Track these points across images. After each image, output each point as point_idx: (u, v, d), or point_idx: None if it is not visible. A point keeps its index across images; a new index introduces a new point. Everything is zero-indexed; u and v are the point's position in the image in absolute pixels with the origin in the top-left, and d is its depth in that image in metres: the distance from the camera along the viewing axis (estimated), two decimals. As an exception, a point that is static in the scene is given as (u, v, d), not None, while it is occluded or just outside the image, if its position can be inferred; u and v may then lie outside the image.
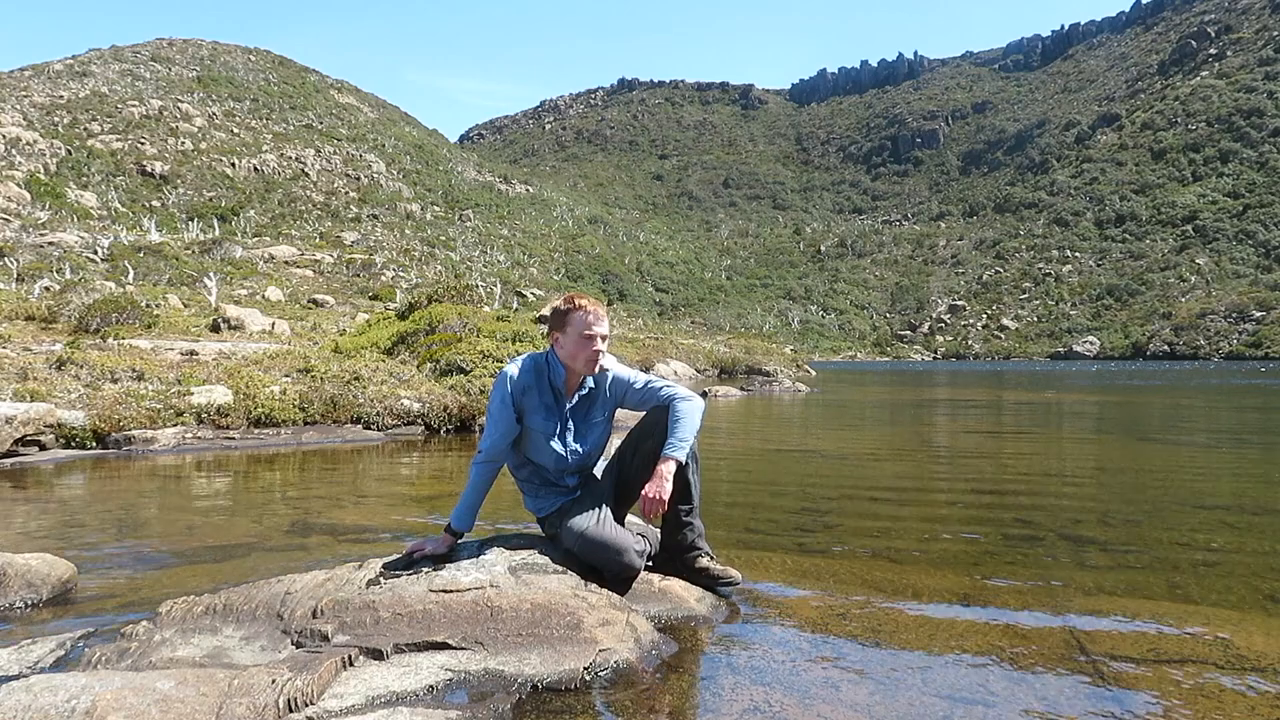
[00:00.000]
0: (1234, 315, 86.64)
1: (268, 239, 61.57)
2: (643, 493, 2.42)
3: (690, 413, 2.52)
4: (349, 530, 3.70)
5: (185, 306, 21.76)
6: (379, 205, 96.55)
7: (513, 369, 2.55)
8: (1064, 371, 43.26)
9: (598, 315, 2.49)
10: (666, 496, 2.41)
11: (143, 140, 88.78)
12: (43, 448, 6.21)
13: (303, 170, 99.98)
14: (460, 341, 11.45)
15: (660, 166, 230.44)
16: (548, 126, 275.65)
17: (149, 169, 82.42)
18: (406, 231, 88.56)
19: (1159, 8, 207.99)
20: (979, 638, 2.28)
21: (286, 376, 9.04)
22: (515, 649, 2.00)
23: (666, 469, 2.42)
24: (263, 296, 29.30)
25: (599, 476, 2.73)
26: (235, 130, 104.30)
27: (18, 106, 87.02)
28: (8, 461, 5.80)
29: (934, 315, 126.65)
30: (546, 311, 24.90)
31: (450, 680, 1.88)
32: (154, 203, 75.06)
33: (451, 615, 2.09)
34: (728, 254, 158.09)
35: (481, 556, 2.42)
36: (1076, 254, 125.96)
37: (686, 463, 2.54)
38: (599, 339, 2.49)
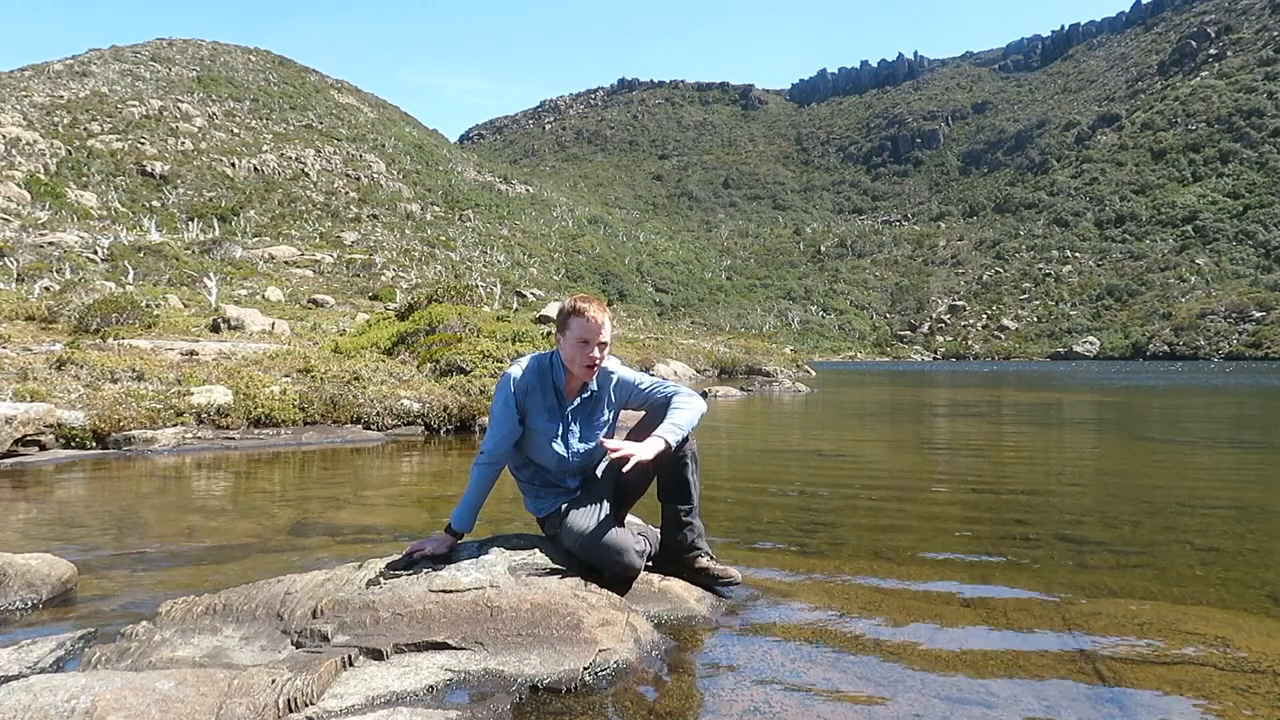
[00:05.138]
0: (1234, 315, 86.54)
1: (268, 239, 61.56)
2: (627, 449, 2.35)
3: (688, 406, 2.52)
4: (349, 530, 3.70)
5: (185, 306, 21.76)
6: (379, 205, 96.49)
7: (516, 370, 2.54)
8: (1064, 372, 43.25)
9: (599, 323, 2.44)
10: (644, 458, 2.33)
11: (143, 140, 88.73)
12: (43, 448, 6.21)
13: (303, 170, 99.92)
14: (460, 341, 11.45)
15: (660, 166, 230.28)
16: (548, 126, 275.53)
17: (149, 169, 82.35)
18: (406, 231, 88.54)
19: (1159, 8, 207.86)
20: (979, 638, 2.28)
21: (286, 377, 9.04)
22: (515, 649, 2.00)
23: (653, 443, 2.37)
24: (263, 297, 29.30)
25: (599, 476, 2.73)
26: (235, 130, 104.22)
27: (18, 106, 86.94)
28: (8, 461, 5.80)
29: (934, 315, 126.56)
30: (549, 311, 24.85)
31: (450, 680, 1.88)
32: (154, 203, 75.00)
33: (451, 615, 2.09)
34: (728, 254, 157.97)
35: (481, 557, 2.43)
36: (1076, 254, 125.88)
37: (685, 462, 2.54)
38: (596, 346, 2.45)
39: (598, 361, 2.48)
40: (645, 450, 2.36)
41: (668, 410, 2.52)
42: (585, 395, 2.60)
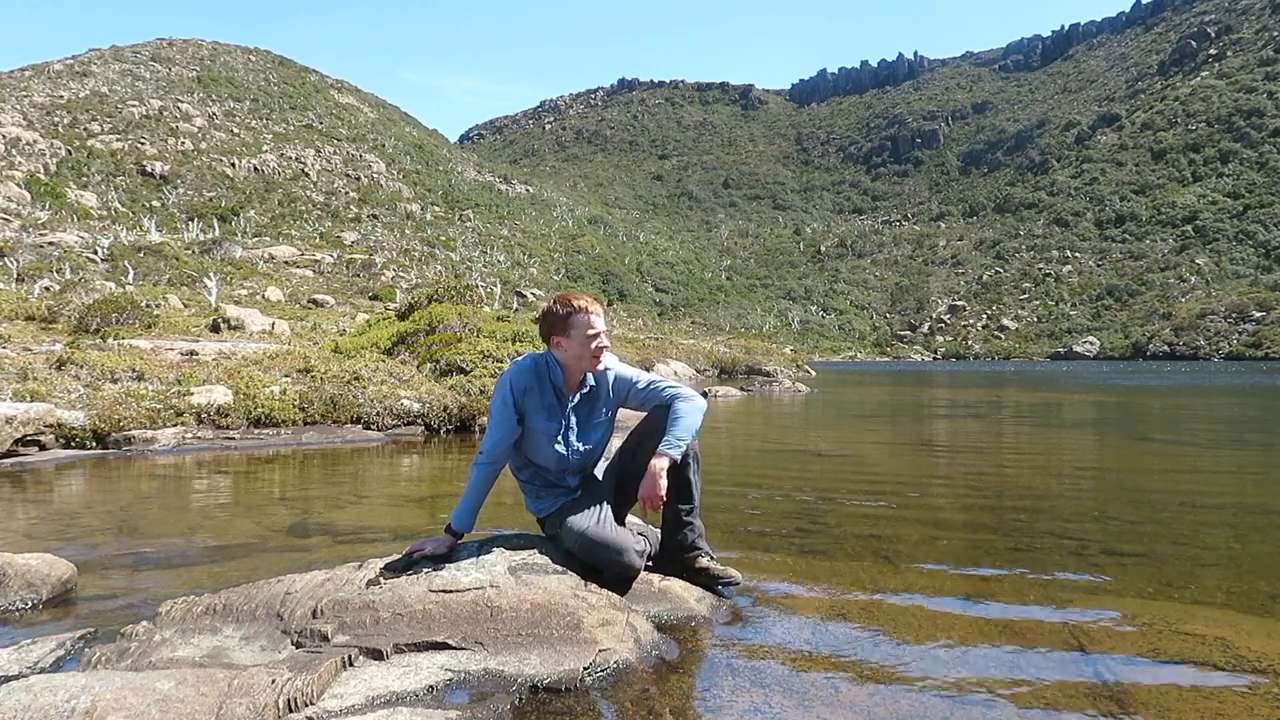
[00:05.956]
0: (1234, 315, 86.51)
1: (268, 239, 61.56)
2: (640, 494, 2.43)
3: (689, 412, 2.53)
4: (349, 531, 3.70)
5: (185, 306, 21.76)
6: (379, 205, 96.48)
7: (514, 370, 2.56)
8: (1064, 372, 43.26)
9: (597, 313, 2.51)
10: (662, 493, 2.40)
11: (143, 140, 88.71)
12: (43, 448, 6.21)
13: (303, 170, 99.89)
14: (460, 341, 11.45)
15: (660, 166, 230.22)
16: (548, 126, 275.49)
17: (149, 169, 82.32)
18: (406, 231, 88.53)
19: (1159, 8, 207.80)
20: (979, 638, 2.28)
21: (286, 377, 9.04)
22: (515, 649, 2.00)
23: (659, 465, 2.42)
24: (263, 296, 29.30)
25: (599, 477, 2.73)
26: (235, 130, 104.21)
27: (18, 106, 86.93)
28: (8, 461, 5.80)
29: (934, 315, 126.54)
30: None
31: (450, 680, 1.88)
32: (154, 203, 74.98)
33: (451, 615, 2.09)
34: (728, 254, 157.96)
35: (481, 557, 2.42)
36: (1076, 254, 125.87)
37: (687, 462, 2.54)
38: (601, 334, 2.52)
39: (606, 346, 2.55)
40: (661, 482, 2.41)
41: (669, 416, 2.53)
42: (585, 392, 2.61)
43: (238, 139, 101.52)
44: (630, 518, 2.81)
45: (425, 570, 2.33)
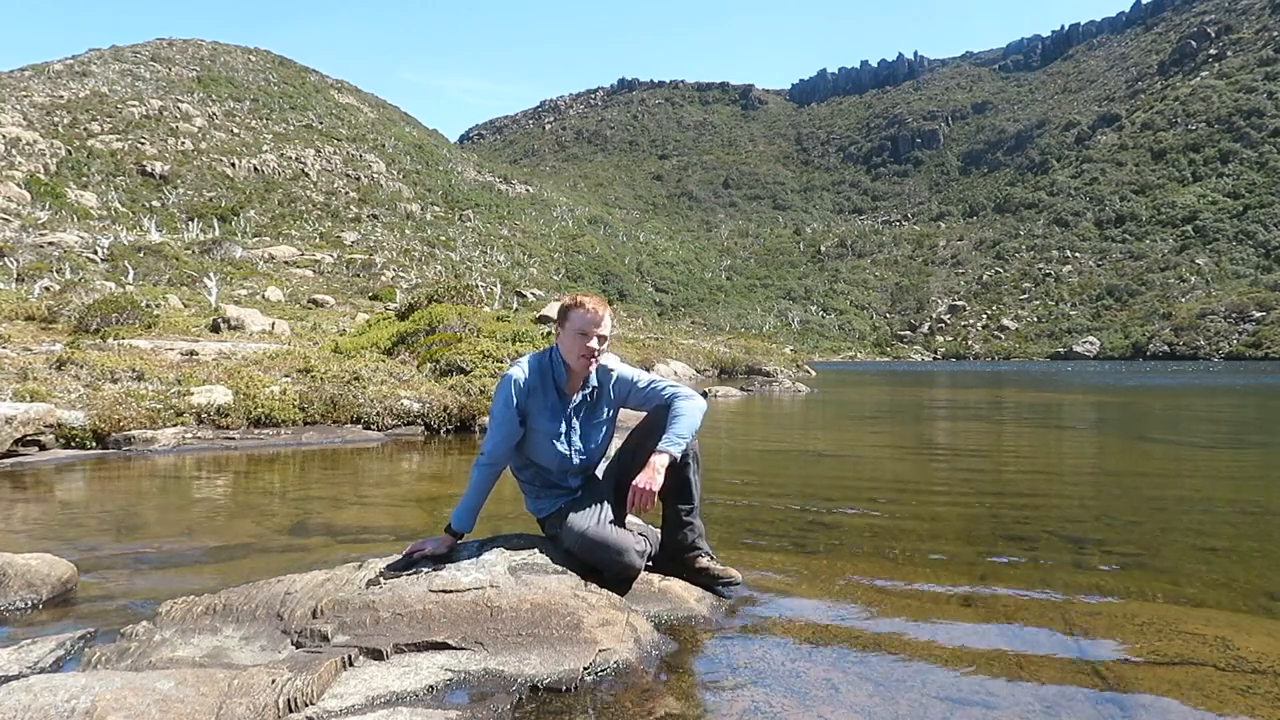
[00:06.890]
0: (1234, 315, 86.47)
1: (268, 239, 61.55)
2: (633, 483, 2.40)
3: (690, 411, 2.52)
4: (349, 531, 3.70)
5: (185, 306, 21.76)
6: (379, 205, 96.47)
7: (517, 371, 2.55)
8: (1064, 372, 43.25)
9: (597, 315, 2.49)
10: (657, 488, 2.38)
11: (143, 140, 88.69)
12: (43, 448, 6.21)
13: (303, 170, 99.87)
14: (460, 341, 11.45)
15: (660, 166, 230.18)
16: (548, 126, 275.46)
17: (149, 169, 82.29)
18: (406, 231, 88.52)
19: (1159, 8, 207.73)
20: (979, 638, 2.28)
21: (286, 377, 9.03)
22: (515, 649, 2.00)
23: (659, 461, 2.41)
24: (263, 297, 29.29)
25: (600, 477, 2.73)
26: (235, 130, 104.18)
27: (18, 106, 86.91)
28: (8, 461, 5.80)
29: (934, 315, 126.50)
30: (549, 311, 24.83)
31: (450, 680, 1.88)
32: (154, 203, 74.95)
33: (451, 615, 2.09)
34: (728, 254, 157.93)
35: (481, 557, 2.42)
36: (1076, 254, 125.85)
37: (687, 462, 2.54)
38: (595, 338, 2.49)
39: (595, 353, 2.51)
40: (658, 478, 2.40)
41: (669, 414, 2.53)
42: (586, 392, 2.61)
43: (238, 139, 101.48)
44: (630, 518, 2.81)
45: (425, 570, 2.33)
